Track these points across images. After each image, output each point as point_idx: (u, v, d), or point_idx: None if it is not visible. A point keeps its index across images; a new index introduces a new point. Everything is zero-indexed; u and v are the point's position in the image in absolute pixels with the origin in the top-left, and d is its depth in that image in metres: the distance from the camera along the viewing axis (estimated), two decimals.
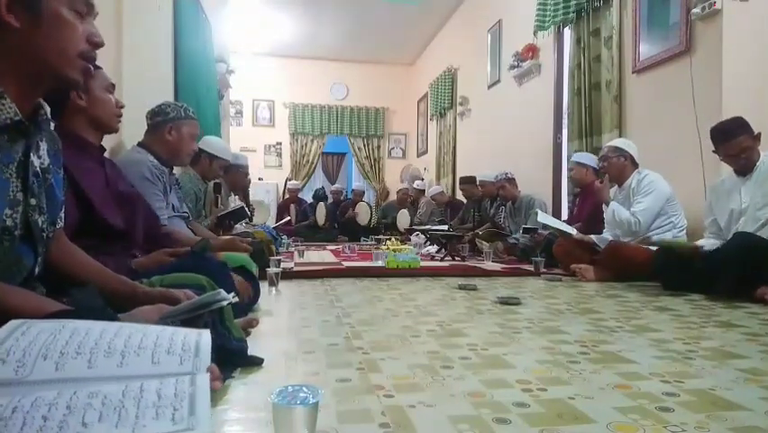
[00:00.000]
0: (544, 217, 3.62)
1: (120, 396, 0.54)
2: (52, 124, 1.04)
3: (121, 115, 1.71)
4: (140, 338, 0.63)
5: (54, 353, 0.58)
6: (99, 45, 0.95)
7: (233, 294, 1.11)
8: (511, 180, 4.85)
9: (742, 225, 2.53)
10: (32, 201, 0.93)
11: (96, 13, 0.97)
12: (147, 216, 1.81)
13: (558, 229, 3.59)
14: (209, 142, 2.92)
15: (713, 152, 2.64)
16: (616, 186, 3.34)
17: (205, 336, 0.66)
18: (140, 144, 2.14)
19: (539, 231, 3.98)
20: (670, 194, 3.06)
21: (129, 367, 0.59)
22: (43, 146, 0.99)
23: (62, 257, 1.08)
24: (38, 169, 0.95)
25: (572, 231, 3.47)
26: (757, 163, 2.52)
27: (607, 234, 3.32)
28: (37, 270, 0.98)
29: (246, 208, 3.29)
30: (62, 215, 1.07)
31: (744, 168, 2.55)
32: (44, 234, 0.98)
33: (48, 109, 0.99)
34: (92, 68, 0.96)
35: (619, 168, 3.23)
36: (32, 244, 0.95)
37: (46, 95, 0.97)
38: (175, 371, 0.60)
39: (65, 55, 0.90)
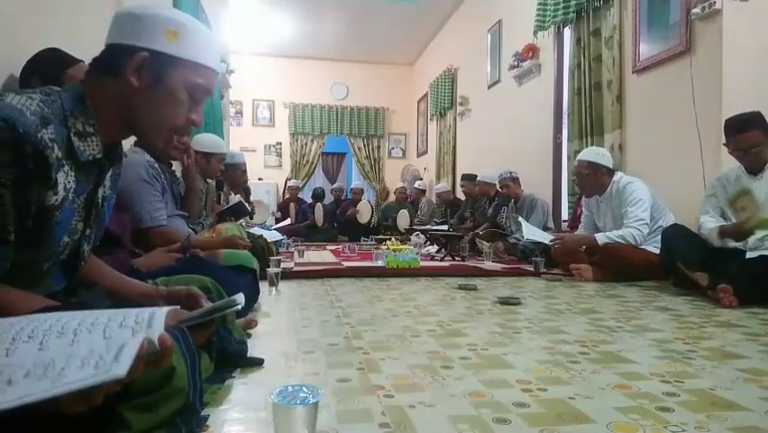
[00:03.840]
0: (527, 228, 3.61)
1: (52, 351, 0.55)
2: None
3: None
4: (95, 317, 0.63)
5: (6, 339, 0.58)
6: (196, 125, 1.01)
7: (242, 296, 1.11)
8: (515, 180, 4.85)
9: None
10: (87, 231, 0.96)
11: (212, 97, 1.00)
12: (132, 220, 1.83)
13: (533, 241, 3.61)
14: (200, 141, 2.90)
15: (724, 144, 2.52)
16: (588, 198, 3.37)
17: (160, 311, 0.66)
18: (137, 144, 2.14)
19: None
20: (652, 197, 3.06)
21: (80, 345, 0.58)
22: (108, 174, 1.01)
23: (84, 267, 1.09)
24: (99, 199, 0.98)
25: (546, 240, 3.47)
26: None
27: (588, 232, 3.33)
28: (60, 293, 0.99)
29: (245, 204, 3.27)
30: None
31: (752, 165, 2.43)
32: (83, 262, 1.00)
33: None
34: (175, 140, 1.00)
35: (597, 184, 3.22)
36: (70, 270, 0.98)
37: None
38: (127, 342, 0.60)
39: (160, 126, 0.96)
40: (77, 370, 0.53)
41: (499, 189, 5.04)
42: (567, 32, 4.65)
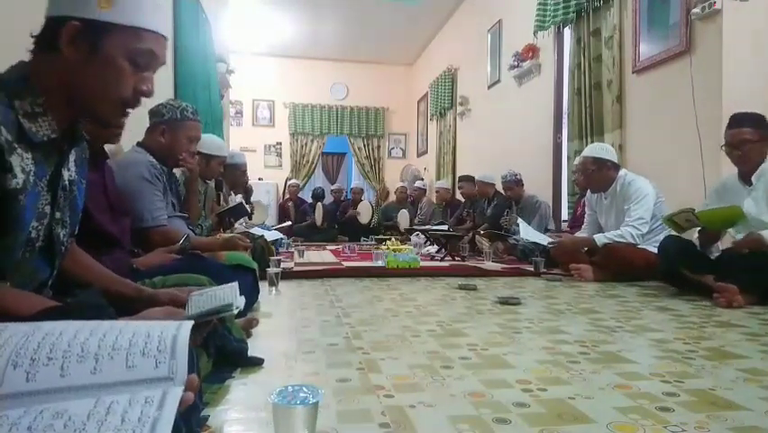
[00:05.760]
0: (524, 229, 3.62)
1: (84, 418, 0.53)
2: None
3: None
4: (115, 337, 0.62)
5: (25, 359, 0.57)
6: (146, 95, 0.97)
7: (242, 299, 1.11)
8: (519, 182, 4.84)
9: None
10: (57, 215, 0.95)
11: (162, 63, 0.98)
12: (133, 219, 1.83)
13: (532, 242, 3.61)
14: (203, 142, 2.90)
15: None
16: (591, 193, 3.36)
17: (184, 329, 0.64)
18: (139, 144, 2.14)
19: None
20: (656, 196, 3.06)
21: (102, 374, 0.58)
22: (71, 157, 1.00)
23: (69, 260, 1.08)
24: (66, 182, 0.97)
25: (544, 241, 3.48)
26: (759, 169, 2.38)
27: (592, 231, 3.33)
28: (50, 281, 0.99)
29: (245, 205, 3.27)
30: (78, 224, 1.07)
31: (741, 164, 2.44)
32: (63, 248, 0.99)
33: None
34: (129, 112, 0.97)
35: (603, 179, 3.20)
36: (50, 257, 0.97)
37: None
38: (150, 376, 0.59)
39: (105, 97, 0.93)
40: None
41: (503, 191, 5.03)
42: (567, 32, 4.65)
